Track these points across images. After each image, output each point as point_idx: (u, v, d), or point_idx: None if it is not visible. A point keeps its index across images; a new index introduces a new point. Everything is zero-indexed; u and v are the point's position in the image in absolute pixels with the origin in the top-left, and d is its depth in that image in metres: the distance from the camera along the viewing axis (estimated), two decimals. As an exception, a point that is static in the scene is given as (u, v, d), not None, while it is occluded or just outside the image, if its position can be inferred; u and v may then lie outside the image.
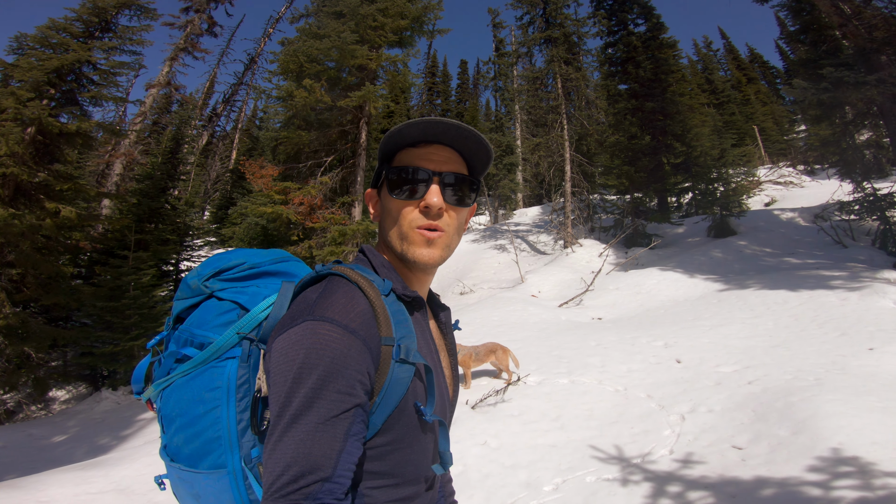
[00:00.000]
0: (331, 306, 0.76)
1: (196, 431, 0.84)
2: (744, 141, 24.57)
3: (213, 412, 0.84)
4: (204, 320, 0.92)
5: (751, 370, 4.84)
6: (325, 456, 0.67)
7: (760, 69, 39.91)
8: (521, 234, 18.31)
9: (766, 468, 2.84)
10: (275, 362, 0.74)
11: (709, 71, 32.52)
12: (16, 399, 9.07)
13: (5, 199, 8.12)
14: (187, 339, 0.92)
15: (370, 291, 0.82)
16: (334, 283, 0.82)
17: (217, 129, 33.07)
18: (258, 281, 0.98)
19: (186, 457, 0.85)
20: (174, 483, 0.92)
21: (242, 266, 0.98)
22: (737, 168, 15.45)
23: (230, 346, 0.86)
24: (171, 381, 0.90)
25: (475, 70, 45.22)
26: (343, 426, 0.70)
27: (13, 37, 8.81)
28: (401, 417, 0.81)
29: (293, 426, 0.68)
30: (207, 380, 0.85)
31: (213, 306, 0.93)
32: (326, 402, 0.69)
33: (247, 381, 0.84)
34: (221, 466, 0.83)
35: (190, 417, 0.85)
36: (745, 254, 11.40)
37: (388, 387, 0.79)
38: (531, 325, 8.18)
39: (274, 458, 0.67)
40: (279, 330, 0.77)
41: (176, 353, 0.92)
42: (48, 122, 8.22)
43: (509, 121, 26.50)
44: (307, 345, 0.72)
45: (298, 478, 0.66)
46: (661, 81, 14.06)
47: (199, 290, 0.96)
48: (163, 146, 15.93)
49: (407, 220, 0.89)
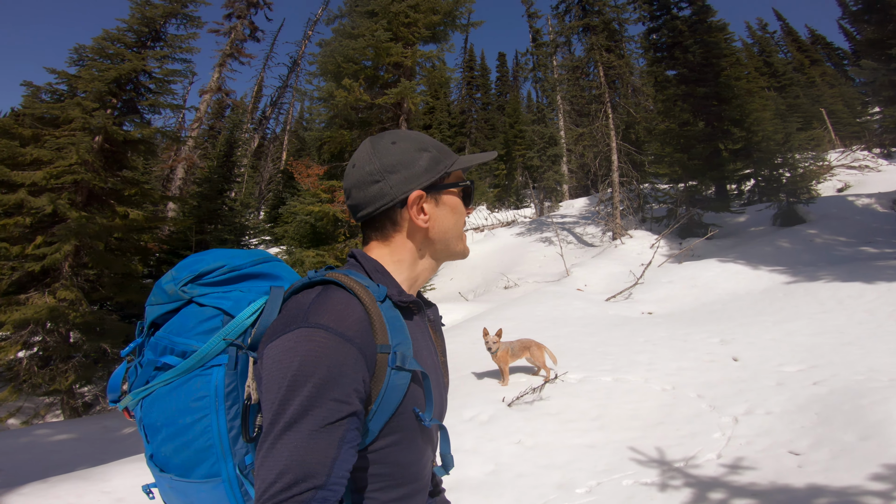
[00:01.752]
0: (326, 313, 0.76)
1: (186, 441, 0.82)
2: (811, 124, 23.01)
3: (203, 421, 0.81)
4: (184, 327, 0.88)
5: (817, 370, 4.42)
6: (320, 463, 0.67)
7: (824, 51, 37.59)
8: (567, 226, 17.83)
9: (823, 476, 2.57)
10: (268, 369, 0.73)
11: (766, 54, 30.93)
12: (93, 392, 9.89)
13: (79, 204, 8.87)
14: (166, 346, 0.87)
15: (366, 298, 0.81)
16: (329, 290, 0.81)
17: (267, 132, 34.64)
18: (241, 285, 0.93)
19: (177, 466, 0.83)
20: (165, 492, 0.90)
21: (223, 269, 0.92)
22: (804, 153, 14.39)
23: (215, 353, 0.83)
24: (152, 391, 0.86)
25: (514, 62, 44.45)
26: (338, 434, 0.70)
27: (73, 48, 9.44)
28: (400, 422, 0.81)
29: (287, 433, 0.68)
30: (193, 389, 0.82)
31: (194, 313, 0.89)
32: (322, 410, 0.69)
33: (235, 388, 0.82)
34: (216, 475, 0.81)
35: (177, 427, 0.82)
36: (815, 243, 10.50)
37: (385, 393, 0.79)
38: (575, 319, 7.93)
39: (266, 466, 0.67)
40: (271, 336, 0.76)
41: (155, 362, 0.88)
42: (113, 131, 8.87)
43: (551, 112, 25.85)
44: (302, 352, 0.71)
45: (292, 485, 0.65)
46: (712, 66, 13.34)
47: (176, 296, 0.91)
48: (217, 150, 16.87)
49: (463, 224, 1.01)
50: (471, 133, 36.28)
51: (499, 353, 4.81)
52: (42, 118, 8.87)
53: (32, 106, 8.87)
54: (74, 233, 8.30)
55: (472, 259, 16.96)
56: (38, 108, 8.77)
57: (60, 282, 8.66)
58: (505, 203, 27.78)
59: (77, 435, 6.30)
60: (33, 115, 8.75)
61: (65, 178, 8.46)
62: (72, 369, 8.57)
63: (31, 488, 3.39)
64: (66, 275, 8.79)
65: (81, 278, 9.18)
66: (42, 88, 9.19)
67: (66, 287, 8.55)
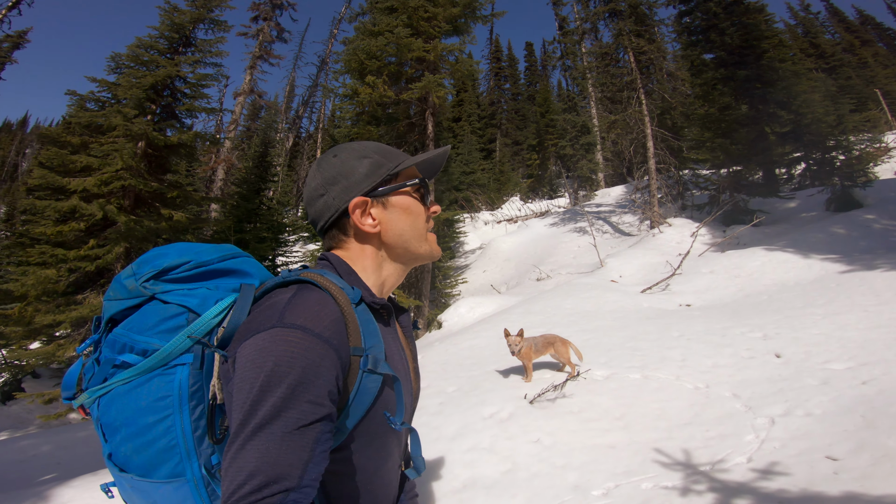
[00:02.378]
0: (302, 313, 0.75)
1: (147, 441, 0.80)
2: (865, 106, 22.24)
3: (165, 421, 0.80)
4: (145, 325, 0.85)
5: (867, 368, 4.09)
6: (292, 465, 0.66)
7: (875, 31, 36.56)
8: (602, 215, 17.33)
9: (860, 483, 2.36)
10: (240, 369, 0.72)
11: (812, 35, 30.15)
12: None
13: (127, 208, 9.41)
14: (126, 344, 0.84)
15: (341, 299, 0.81)
16: (305, 290, 0.81)
17: (301, 131, 35.49)
18: (208, 282, 0.90)
19: (138, 466, 0.82)
20: (125, 492, 0.90)
21: (188, 265, 0.89)
22: (859, 134, 13.44)
23: (179, 352, 0.81)
24: (110, 389, 0.84)
25: (542, 51, 43.59)
26: (311, 436, 0.69)
27: (109, 56, 9.92)
28: (370, 425, 0.82)
29: (258, 434, 0.67)
30: (155, 388, 0.80)
31: (156, 310, 0.86)
32: (296, 412, 0.68)
33: (200, 388, 0.81)
34: (180, 475, 0.81)
35: (138, 427, 0.81)
36: (873, 229, 9.73)
37: (356, 396, 0.79)
38: (606, 313, 7.69)
39: (235, 467, 0.66)
40: (244, 335, 0.75)
41: (113, 360, 0.85)
42: (154, 136, 9.32)
43: (582, 99, 25.17)
44: (277, 352, 0.70)
45: (262, 487, 0.64)
46: (753, 48, 12.66)
47: (136, 292, 0.87)
48: (252, 151, 17.44)
49: (423, 224, 0.98)
50: (501, 124, 35.88)
51: (522, 350, 4.74)
52: (89, 125, 9.41)
53: (79, 114, 9.43)
54: (124, 236, 8.83)
55: (504, 251, 16.82)
56: (84, 117, 9.31)
57: (113, 281, 9.24)
58: (538, 193, 27.33)
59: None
60: (80, 123, 9.30)
61: (114, 184, 8.99)
62: (124, 365, 9.14)
63: (81, 481, 3.61)
64: (118, 275, 9.37)
65: (131, 279, 9.74)
66: (86, 97, 9.73)
67: (118, 287, 9.11)
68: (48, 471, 4.75)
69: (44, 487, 3.44)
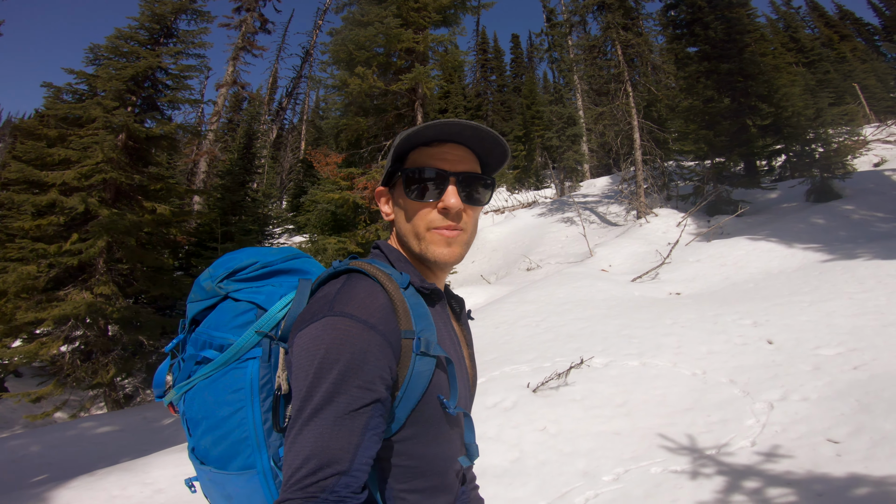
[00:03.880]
0: (350, 301, 0.77)
1: (223, 433, 0.85)
2: (843, 99, 22.79)
3: (239, 413, 0.84)
4: (221, 322, 0.92)
5: (857, 353, 4.23)
6: (343, 450, 0.68)
7: (854, 26, 37.22)
8: (589, 205, 17.50)
9: (863, 465, 2.46)
10: (296, 358, 0.74)
11: (792, 29, 30.57)
12: (133, 384, 10.31)
13: (109, 201, 9.13)
14: (205, 341, 0.91)
15: (389, 285, 0.82)
16: (353, 279, 0.82)
17: (285, 122, 34.91)
18: (273, 280, 0.97)
19: (216, 459, 0.87)
20: (205, 485, 0.94)
21: (255, 265, 0.97)
22: (837, 127, 13.82)
23: (250, 346, 0.86)
24: (193, 384, 0.91)
25: (528, 43, 43.75)
26: (361, 420, 0.70)
27: (88, 48, 9.59)
28: (425, 410, 0.82)
29: (312, 420, 0.69)
30: (230, 381, 0.86)
31: (230, 308, 0.93)
32: (346, 397, 0.70)
33: (269, 380, 0.85)
34: (251, 467, 0.84)
35: (216, 420, 0.86)
36: (852, 220, 10.03)
37: (410, 380, 0.79)
38: (600, 301, 7.79)
39: (293, 452, 0.68)
40: (299, 326, 0.78)
41: (195, 356, 0.92)
42: (135, 128, 9.04)
43: (569, 91, 25.29)
44: (327, 340, 0.72)
45: (316, 471, 0.66)
46: (735, 42, 12.90)
47: (213, 292, 0.96)
48: (237, 143, 17.09)
49: (424, 221, 0.89)
50: (487, 115, 35.88)
51: None
52: (66, 118, 9.10)
53: (55, 107, 9.12)
54: (106, 229, 8.57)
55: (492, 241, 16.88)
56: (60, 109, 9.00)
57: (96, 277, 8.98)
58: (525, 184, 27.45)
59: (120, 427, 6.59)
60: (56, 115, 8.99)
61: (94, 177, 8.71)
62: (112, 362, 8.93)
63: (79, 482, 3.56)
64: (101, 270, 9.10)
65: (115, 273, 9.50)
66: (63, 89, 9.41)
67: (101, 282, 8.87)
68: (40, 471, 4.64)
69: (41, 489, 3.36)
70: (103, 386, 8.92)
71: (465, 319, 1.05)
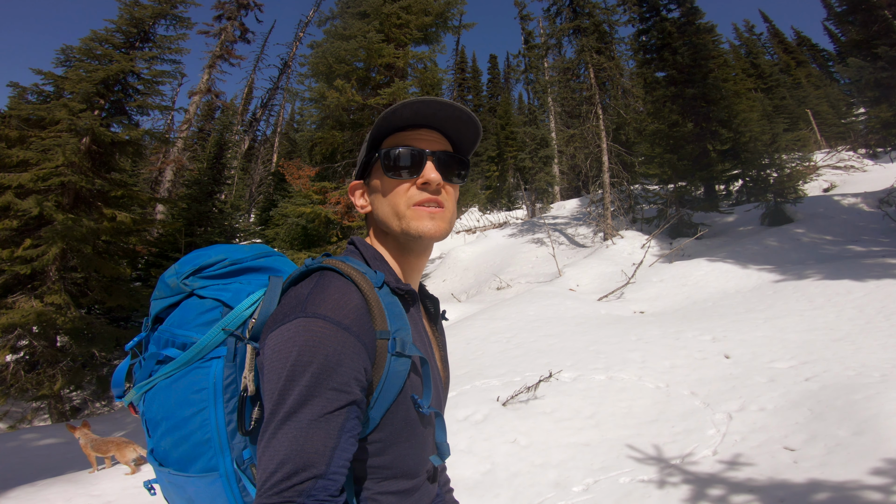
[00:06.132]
0: (323, 302, 0.75)
1: (184, 435, 0.82)
2: (797, 125, 23.76)
3: (201, 414, 0.81)
4: (185, 320, 0.89)
5: (809, 366, 4.47)
6: (319, 453, 0.67)
7: (809, 52, 38.98)
8: (559, 227, 17.90)
9: (820, 471, 2.59)
10: (268, 360, 0.73)
11: (753, 55, 31.66)
12: (81, 397, 9.73)
13: (66, 206, 8.72)
14: (168, 339, 0.88)
15: (363, 284, 0.81)
16: (326, 278, 0.80)
17: (258, 134, 34.46)
18: (241, 277, 0.94)
19: (175, 461, 0.83)
20: (165, 488, 0.90)
21: (224, 262, 0.93)
22: (791, 153, 14.66)
23: (214, 345, 0.83)
24: (154, 384, 0.87)
25: (505, 64, 44.88)
26: (337, 423, 0.69)
27: (59, 49, 9.28)
28: (399, 411, 0.81)
29: (287, 423, 0.67)
30: (192, 381, 0.83)
31: (194, 305, 0.89)
32: (321, 400, 0.68)
33: (234, 381, 0.82)
34: (213, 469, 0.81)
35: (176, 420, 0.83)
36: (803, 242, 10.64)
37: (386, 380, 0.79)
38: (568, 319, 7.94)
39: (267, 456, 0.66)
40: (271, 326, 0.76)
41: (157, 355, 0.88)
42: (100, 132, 8.72)
43: (542, 113, 26.04)
44: (300, 342, 0.71)
45: (292, 475, 0.65)
46: (701, 67, 13.51)
47: (178, 289, 0.92)
48: (207, 152, 16.72)
49: (404, 197, 0.89)
50: (462, 134, 36.29)
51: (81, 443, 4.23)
52: (28, 119, 8.72)
53: (18, 107, 8.74)
54: (61, 235, 8.16)
55: (463, 260, 16.98)
56: (24, 110, 8.63)
57: (47, 285, 8.51)
58: (497, 205, 27.85)
59: (65, 439, 6.20)
60: (19, 116, 8.59)
61: (52, 180, 8.32)
62: (60, 374, 8.43)
63: (19, 492, 3.35)
64: (53, 278, 8.64)
65: (69, 282, 9.03)
66: (28, 89, 9.05)
67: (53, 291, 8.40)
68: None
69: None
70: (48, 398, 8.38)
71: (439, 320, 1.05)
